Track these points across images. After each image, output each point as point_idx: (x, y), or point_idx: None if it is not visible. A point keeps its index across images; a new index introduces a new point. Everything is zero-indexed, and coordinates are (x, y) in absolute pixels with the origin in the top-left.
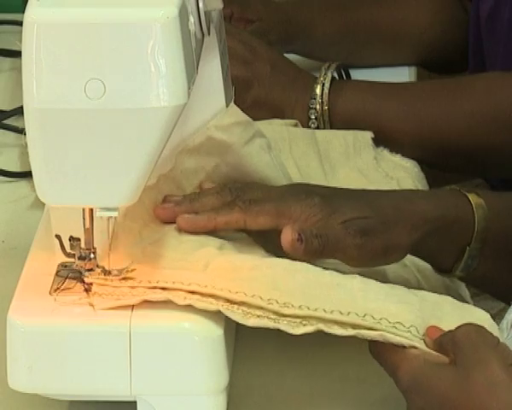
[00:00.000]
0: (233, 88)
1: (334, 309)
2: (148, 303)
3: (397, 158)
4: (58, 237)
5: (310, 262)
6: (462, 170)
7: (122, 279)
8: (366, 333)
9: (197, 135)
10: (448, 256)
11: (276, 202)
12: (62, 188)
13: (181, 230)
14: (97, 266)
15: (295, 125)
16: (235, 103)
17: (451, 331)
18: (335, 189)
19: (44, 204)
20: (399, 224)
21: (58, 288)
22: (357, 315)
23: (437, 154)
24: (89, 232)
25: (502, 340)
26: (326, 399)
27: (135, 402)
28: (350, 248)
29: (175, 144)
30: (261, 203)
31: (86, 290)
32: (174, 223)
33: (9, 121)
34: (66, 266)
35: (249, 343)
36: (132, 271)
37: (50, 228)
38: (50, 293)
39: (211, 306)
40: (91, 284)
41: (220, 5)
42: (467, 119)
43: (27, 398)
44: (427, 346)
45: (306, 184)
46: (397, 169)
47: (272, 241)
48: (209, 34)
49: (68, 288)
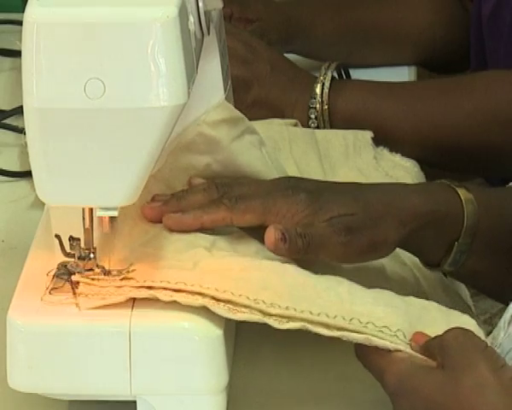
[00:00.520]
0: (229, 86)
1: (320, 312)
2: (148, 303)
3: (397, 157)
4: (58, 237)
5: (307, 263)
6: (462, 169)
7: (122, 279)
8: (351, 336)
9: (188, 131)
10: (436, 251)
11: (263, 199)
12: (62, 188)
13: (168, 229)
14: (97, 266)
15: (295, 124)
16: (235, 103)
17: (439, 336)
18: (324, 183)
19: (44, 204)
20: (387, 219)
21: (47, 287)
22: (343, 319)
23: (437, 153)
24: (88, 232)
25: (499, 339)
26: (325, 399)
27: (135, 402)
28: (335, 246)
29: (174, 144)
30: (248, 200)
31: (73, 290)
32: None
33: (9, 121)
34: (65, 266)
35: (249, 343)
36: (132, 271)
37: (50, 228)
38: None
39: (196, 301)
40: (78, 284)
41: (220, 5)
42: (467, 118)
43: (27, 397)
44: (413, 350)
45: (294, 179)
46: (397, 168)
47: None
48: (209, 34)
49: (56, 287)
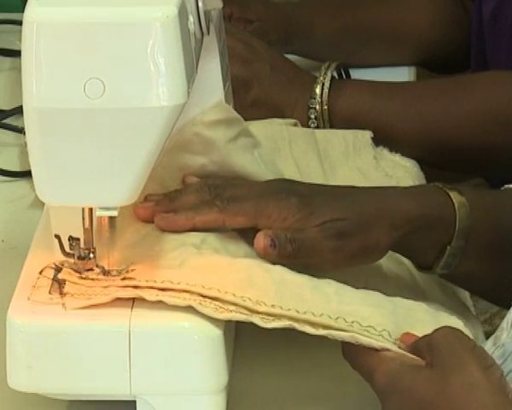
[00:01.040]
0: (228, 85)
1: (306, 310)
2: (148, 303)
3: (396, 157)
4: (57, 237)
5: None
6: (462, 169)
7: (123, 279)
8: (337, 334)
9: (184, 131)
10: (428, 254)
11: (255, 202)
12: (62, 187)
13: (159, 229)
14: (97, 266)
15: (295, 124)
16: (234, 103)
17: (428, 335)
18: (317, 187)
19: (44, 204)
20: (379, 224)
21: (34, 286)
22: (329, 317)
23: (437, 153)
24: (88, 232)
25: (502, 339)
26: (323, 399)
27: (134, 402)
28: (326, 251)
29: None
30: (240, 202)
31: (60, 289)
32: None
33: (9, 121)
34: (55, 265)
35: (248, 344)
36: (132, 271)
37: (50, 228)
38: (50, 292)
39: (182, 301)
40: (64, 283)
41: (220, 4)
42: (467, 118)
43: (27, 397)
44: (401, 349)
45: (287, 182)
46: (396, 168)
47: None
48: (209, 34)
49: (42, 286)
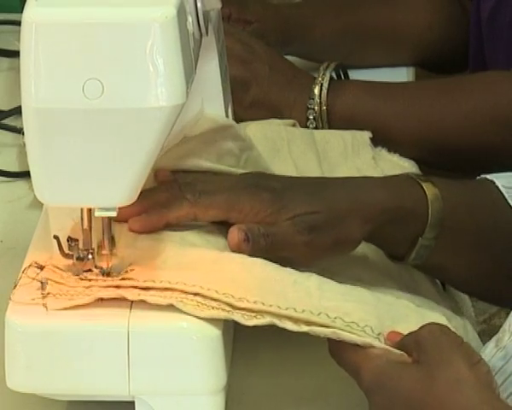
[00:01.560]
0: (227, 86)
1: (288, 306)
2: (147, 304)
3: (395, 158)
4: (56, 238)
5: None
6: (460, 169)
7: (122, 279)
8: (319, 330)
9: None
10: (400, 245)
11: (227, 195)
12: (60, 188)
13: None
14: (95, 267)
15: (294, 125)
16: (233, 103)
17: (414, 332)
18: (289, 180)
19: (42, 204)
20: (351, 216)
21: (16, 285)
22: (311, 313)
23: (435, 153)
24: (87, 233)
25: (504, 341)
26: (324, 398)
27: (133, 402)
28: (298, 245)
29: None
30: (211, 196)
31: (42, 289)
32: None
33: (8, 121)
34: (37, 263)
35: (247, 344)
36: (131, 271)
37: (48, 228)
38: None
39: (164, 300)
40: (47, 282)
41: (219, 5)
42: (466, 118)
43: (25, 398)
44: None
45: (260, 176)
46: (395, 169)
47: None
48: (207, 34)
49: (24, 285)
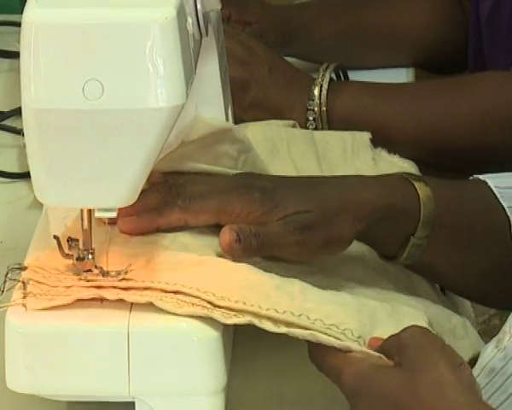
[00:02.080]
0: (227, 87)
1: (270, 307)
2: (147, 304)
3: (395, 158)
4: (56, 238)
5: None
6: (460, 170)
7: (121, 280)
8: (297, 332)
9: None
10: (392, 244)
11: (218, 199)
12: (60, 188)
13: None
14: (95, 267)
15: (293, 125)
16: (233, 104)
17: (396, 334)
18: (280, 180)
19: (42, 205)
20: (342, 215)
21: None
22: (292, 314)
23: (435, 154)
24: (87, 233)
25: (504, 342)
26: (322, 400)
27: (133, 403)
28: (290, 245)
29: (171, 145)
30: (202, 200)
31: (23, 288)
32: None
33: (8, 122)
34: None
35: (247, 345)
36: (131, 272)
37: (48, 229)
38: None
39: (143, 298)
40: (28, 283)
41: (218, 6)
42: (466, 119)
43: (25, 399)
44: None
45: (250, 176)
46: (395, 169)
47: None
48: (207, 35)
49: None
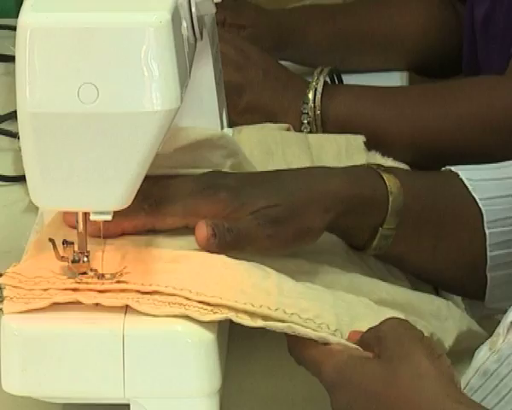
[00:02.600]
0: (222, 90)
1: (246, 301)
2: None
3: (389, 162)
4: (52, 241)
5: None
6: None
7: (117, 282)
8: (274, 325)
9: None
10: (361, 235)
11: (183, 202)
12: (56, 192)
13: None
14: (91, 270)
15: (288, 129)
16: (228, 108)
17: (375, 327)
18: (245, 176)
19: (38, 208)
20: (311, 207)
21: None
22: (269, 308)
23: (429, 157)
24: (82, 236)
25: (498, 344)
26: (317, 400)
27: (128, 405)
28: (261, 239)
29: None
30: (168, 204)
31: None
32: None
33: (3, 126)
34: None
35: (241, 347)
36: (126, 274)
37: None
38: None
39: (119, 301)
40: (4, 287)
41: (213, 10)
42: (459, 122)
43: (21, 401)
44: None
45: (215, 175)
46: None
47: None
48: (202, 39)
49: None
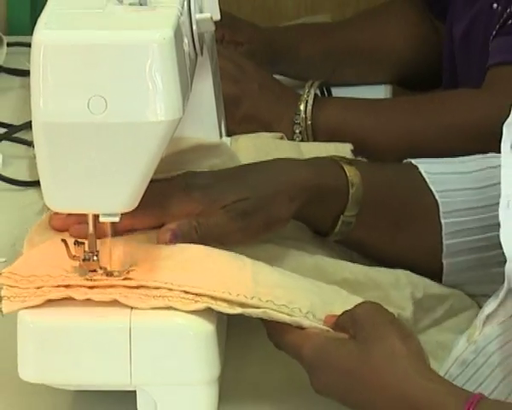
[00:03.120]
0: (220, 102)
1: (224, 290)
2: None
3: None
4: (64, 242)
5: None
6: None
7: (124, 279)
8: (251, 311)
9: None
10: (324, 222)
11: (159, 203)
12: (68, 195)
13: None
14: (100, 268)
15: (281, 137)
16: (226, 118)
17: (349, 310)
18: (218, 173)
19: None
20: (278, 197)
21: None
22: (245, 297)
23: None
24: (92, 236)
25: (475, 336)
26: (310, 388)
27: (134, 392)
28: (233, 231)
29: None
30: (145, 207)
31: None
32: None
33: (19, 135)
34: None
35: (239, 338)
36: (132, 271)
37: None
38: None
39: (108, 296)
40: (1, 288)
41: (212, 28)
42: (442, 131)
43: (36, 388)
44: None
45: (189, 176)
46: None
47: None
48: (202, 54)
49: None
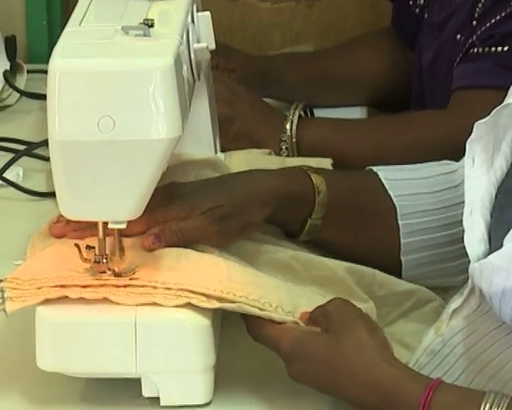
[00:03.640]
0: (215, 122)
1: (203, 286)
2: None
3: None
4: (77, 246)
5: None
6: None
7: (130, 279)
8: (228, 305)
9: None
10: (294, 225)
11: (146, 213)
12: (80, 205)
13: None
14: (109, 269)
15: (269, 153)
16: (220, 136)
17: (321, 306)
18: (199, 183)
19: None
20: (252, 204)
21: None
22: (221, 292)
23: None
24: (102, 241)
25: (442, 329)
26: None
27: (139, 379)
28: (211, 235)
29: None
30: None
31: (2, 297)
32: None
33: (38, 151)
34: None
35: (232, 330)
36: (137, 272)
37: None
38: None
39: (98, 295)
40: (4, 290)
41: (208, 56)
42: (409, 147)
43: (52, 375)
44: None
45: (172, 186)
46: None
47: None
48: (199, 79)
49: None
